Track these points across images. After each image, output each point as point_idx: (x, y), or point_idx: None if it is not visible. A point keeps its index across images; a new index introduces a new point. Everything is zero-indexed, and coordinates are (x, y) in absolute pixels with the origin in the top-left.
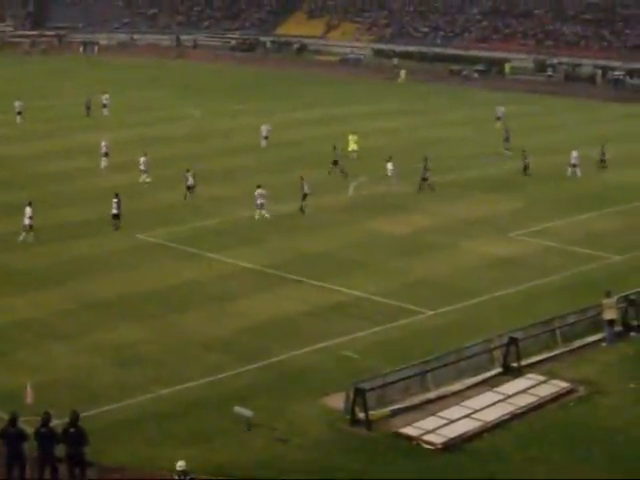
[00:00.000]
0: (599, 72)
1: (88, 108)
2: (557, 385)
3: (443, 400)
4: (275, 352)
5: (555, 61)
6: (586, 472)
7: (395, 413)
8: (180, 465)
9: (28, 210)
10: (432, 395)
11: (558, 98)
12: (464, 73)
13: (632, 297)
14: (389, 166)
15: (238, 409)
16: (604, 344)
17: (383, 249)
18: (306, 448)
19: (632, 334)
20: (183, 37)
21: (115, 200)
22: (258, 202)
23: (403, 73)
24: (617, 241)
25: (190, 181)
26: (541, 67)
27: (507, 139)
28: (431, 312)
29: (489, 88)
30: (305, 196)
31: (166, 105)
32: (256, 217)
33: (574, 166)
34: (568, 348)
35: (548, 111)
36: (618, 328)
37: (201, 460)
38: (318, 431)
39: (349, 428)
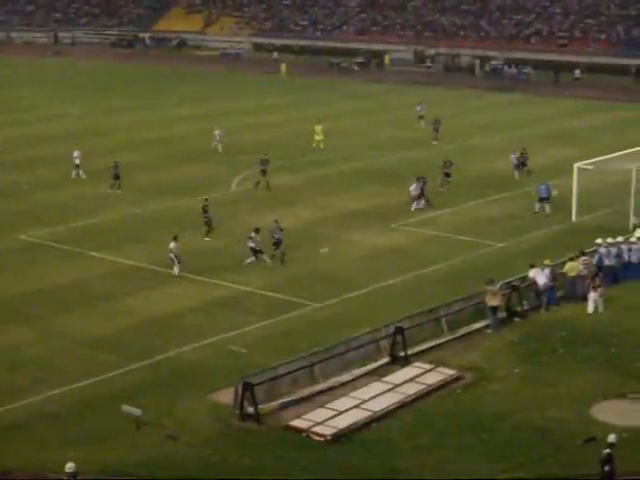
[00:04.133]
0: (478, 62)
1: None
2: (444, 372)
3: (332, 391)
4: (162, 349)
5: (434, 52)
6: (475, 458)
7: (284, 406)
8: (69, 467)
9: None
10: (321, 387)
11: (438, 88)
12: (343, 65)
13: (515, 283)
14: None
15: (126, 408)
16: (489, 331)
17: (269, 243)
18: (196, 445)
19: (516, 320)
20: (61, 34)
21: None
22: None
23: (284, 67)
24: (499, 228)
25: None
26: (420, 58)
27: (436, 129)
28: (317, 304)
29: (369, 80)
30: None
31: (44, 104)
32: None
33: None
34: (454, 335)
35: (429, 102)
36: (502, 314)
37: (91, 460)
38: (208, 427)
39: (239, 423)
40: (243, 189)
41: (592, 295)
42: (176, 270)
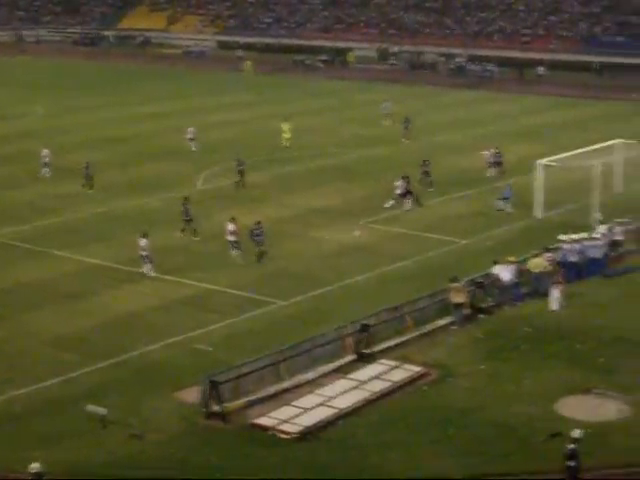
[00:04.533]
0: (442, 59)
1: None
2: (410, 369)
3: (297, 389)
4: (128, 348)
5: (398, 49)
6: (441, 455)
7: (250, 404)
8: (34, 467)
9: None
10: (286, 385)
11: (402, 86)
12: (307, 63)
13: (480, 280)
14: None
15: (92, 407)
16: (454, 327)
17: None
18: (162, 443)
19: (481, 316)
20: (25, 33)
21: None
22: None
23: (248, 64)
24: (464, 225)
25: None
26: (384, 56)
27: (406, 127)
28: (283, 302)
29: (333, 78)
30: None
31: (8, 102)
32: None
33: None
34: (419, 332)
35: (393, 99)
36: (467, 311)
37: (56, 460)
38: (174, 426)
39: (205, 421)
40: (208, 187)
41: (554, 292)
42: (146, 269)
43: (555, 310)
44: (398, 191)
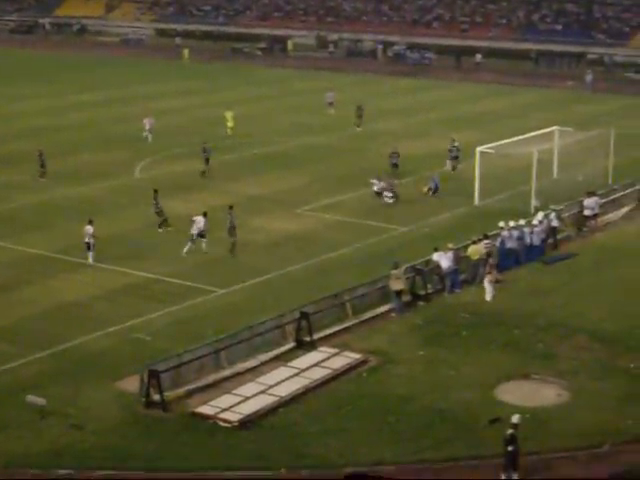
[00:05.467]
0: (380, 47)
1: None
2: (349, 357)
3: (238, 377)
4: (66, 338)
5: (336, 37)
6: (382, 441)
7: (190, 393)
8: None
9: None
10: (227, 373)
11: (341, 74)
12: (246, 51)
13: (419, 267)
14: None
15: (30, 398)
16: (393, 314)
17: (173, 230)
18: (102, 433)
19: (420, 303)
20: None
21: None
22: None
23: (186, 52)
24: (404, 212)
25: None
26: (323, 43)
27: (360, 116)
28: (223, 290)
29: (272, 66)
30: None
31: None
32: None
33: None
34: (359, 320)
35: (333, 87)
36: (406, 298)
37: None
38: (114, 415)
39: (145, 411)
40: (145, 176)
41: (486, 281)
42: (90, 257)
43: (488, 301)
44: (375, 188)
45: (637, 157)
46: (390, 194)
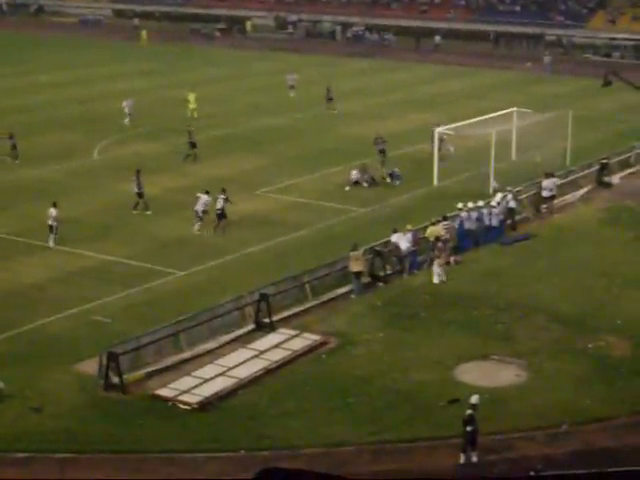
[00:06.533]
0: (339, 28)
1: None
2: (309, 338)
3: (197, 359)
4: (23, 321)
5: (295, 18)
6: (342, 422)
7: (150, 375)
8: None
9: None
10: (186, 355)
11: (300, 55)
12: (204, 32)
13: (378, 248)
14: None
15: None
16: (353, 296)
17: (130, 212)
18: (61, 416)
19: (379, 284)
20: None
21: None
22: None
23: (144, 34)
24: (360, 194)
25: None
26: (282, 24)
27: (330, 99)
28: (182, 272)
29: (231, 47)
30: None
31: None
32: None
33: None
34: (318, 301)
35: (291, 69)
36: (366, 279)
37: None
38: (72, 398)
39: (104, 393)
40: (105, 157)
41: (434, 266)
42: (52, 240)
43: (436, 283)
44: (353, 177)
45: (595, 139)
46: (366, 184)
